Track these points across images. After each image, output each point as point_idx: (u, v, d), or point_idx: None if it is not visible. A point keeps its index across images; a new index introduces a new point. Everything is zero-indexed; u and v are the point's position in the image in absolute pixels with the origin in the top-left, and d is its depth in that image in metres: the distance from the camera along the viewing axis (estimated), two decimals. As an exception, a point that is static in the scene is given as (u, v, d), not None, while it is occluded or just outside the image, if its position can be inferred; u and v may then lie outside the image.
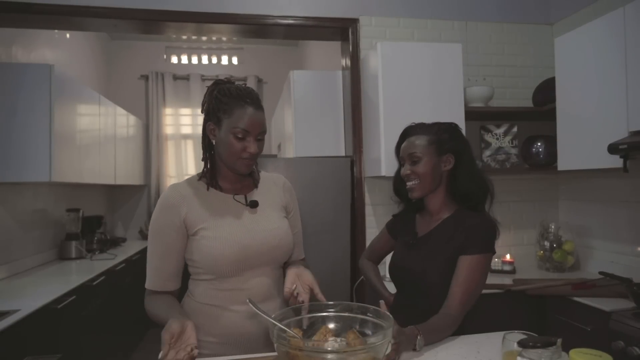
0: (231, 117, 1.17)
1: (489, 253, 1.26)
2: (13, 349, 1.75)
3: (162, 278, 1.22)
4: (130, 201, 4.90)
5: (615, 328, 1.70)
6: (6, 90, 2.46)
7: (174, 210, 1.21)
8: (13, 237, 2.75)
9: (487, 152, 2.65)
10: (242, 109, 1.17)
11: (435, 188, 1.37)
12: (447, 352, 1.09)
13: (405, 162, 1.39)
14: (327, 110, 2.79)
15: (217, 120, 1.20)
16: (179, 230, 1.20)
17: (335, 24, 2.61)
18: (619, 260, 2.33)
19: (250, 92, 1.22)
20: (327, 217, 2.50)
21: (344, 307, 1.06)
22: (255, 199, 1.28)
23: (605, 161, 1.93)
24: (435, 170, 1.35)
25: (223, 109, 1.18)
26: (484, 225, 1.29)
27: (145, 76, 5.01)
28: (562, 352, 0.83)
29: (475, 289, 1.23)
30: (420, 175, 1.34)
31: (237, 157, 1.20)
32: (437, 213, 1.39)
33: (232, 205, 1.25)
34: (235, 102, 1.18)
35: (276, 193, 1.35)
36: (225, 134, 1.18)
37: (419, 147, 1.35)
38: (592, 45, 2.06)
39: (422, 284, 1.30)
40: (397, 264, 1.44)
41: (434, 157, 1.35)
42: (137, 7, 2.40)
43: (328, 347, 0.87)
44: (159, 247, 1.21)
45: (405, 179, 1.39)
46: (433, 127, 1.39)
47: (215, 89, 1.23)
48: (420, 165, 1.35)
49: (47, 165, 2.52)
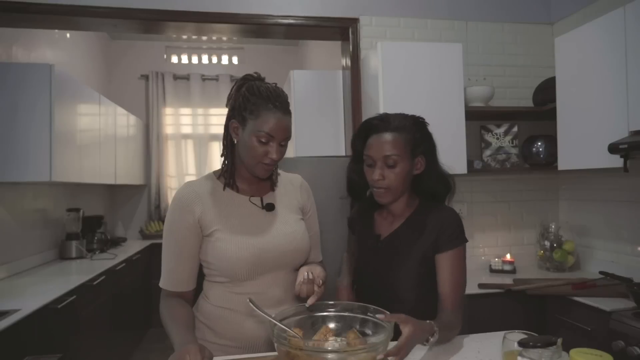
0: (257, 119, 1.12)
1: (464, 243, 1.24)
2: (13, 349, 1.75)
3: (177, 279, 1.19)
4: (131, 201, 4.90)
5: (615, 328, 1.70)
6: (6, 90, 2.46)
7: (188, 209, 1.17)
8: (13, 237, 2.75)
9: (488, 152, 2.65)
10: (270, 112, 1.12)
11: (403, 193, 1.28)
12: (447, 352, 1.09)
13: (376, 163, 1.23)
14: (327, 110, 2.78)
15: (241, 119, 1.15)
16: (193, 230, 1.17)
17: (335, 23, 2.61)
18: (619, 260, 2.32)
19: (279, 95, 1.17)
20: (327, 217, 2.49)
21: (344, 307, 1.06)
22: (272, 201, 1.25)
23: (605, 161, 1.93)
24: (408, 175, 1.24)
25: (250, 109, 1.13)
26: (451, 218, 1.24)
27: (146, 76, 5.00)
28: (562, 351, 0.83)
29: (462, 282, 1.22)
30: (392, 180, 1.21)
31: (257, 161, 1.15)
32: (400, 213, 1.31)
33: (248, 207, 1.22)
34: (264, 103, 1.13)
35: (293, 194, 1.31)
36: (248, 135, 1.13)
37: (397, 148, 1.20)
38: (592, 45, 2.06)
39: (392, 290, 1.24)
40: (362, 270, 1.34)
41: (409, 160, 1.23)
42: (137, 7, 2.40)
43: (328, 346, 0.87)
44: (173, 247, 1.18)
45: (372, 183, 1.25)
46: (406, 122, 1.24)
47: (244, 85, 1.18)
48: (396, 169, 1.21)
49: (47, 165, 2.52)
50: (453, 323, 1.15)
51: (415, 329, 0.95)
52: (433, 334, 1.02)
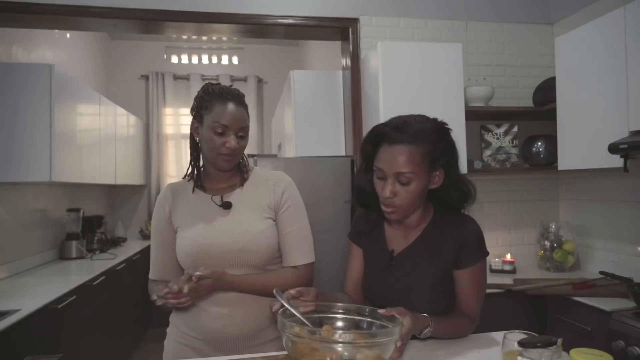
0: (211, 113, 1.21)
1: (486, 257, 1.17)
2: (13, 349, 1.75)
3: (160, 270, 1.31)
4: (131, 201, 4.90)
5: (615, 328, 1.70)
6: (6, 90, 2.46)
7: (162, 207, 1.30)
8: (13, 237, 2.75)
9: (488, 152, 2.65)
10: (223, 105, 1.20)
11: (416, 210, 1.16)
12: (447, 352, 1.08)
13: (387, 178, 1.08)
14: (327, 110, 2.78)
15: (199, 117, 1.24)
16: (168, 226, 1.29)
17: (335, 23, 2.61)
18: (620, 260, 2.32)
19: (232, 90, 1.25)
20: (327, 217, 2.49)
21: (350, 310, 1.05)
22: (235, 199, 1.27)
23: (605, 161, 1.93)
24: (423, 192, 1.10)
25: (205, 106, 1.22)
26: (473, 232, 1.15)
27: (146, 76, 5.01)
28: (562, 351, 0.82)
29: (482, 294, 1.19)
30: (404, 198, 1.08)
31: (216, 152, 1.21)
32: (414, 225, 1.19)
33: (208, 206, 1.27)
34: (217, 98, 1.21)
35: (263, 193, 1.29)
36: (206, 130, 1.21)
37: (412, 164, 1.05)
38: (592, 45, 2.06)
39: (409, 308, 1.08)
40: (373, 290, 1.22)
41: (425, 176, 1.08)
42: (137, 7, 2.40)
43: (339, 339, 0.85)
44: (155, 241, 1.31)
45: (381, 199, 1.11)
46: (424, 132, 1.07)
47: (201, 90, 1.27)
48: (410, 187, 1.07)
49: (47, 165, 2.52)
50: (465, 328, 1.15)
51: (412, 320, 0.97)
52: (427, 326, 1.04)
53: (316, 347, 0.84)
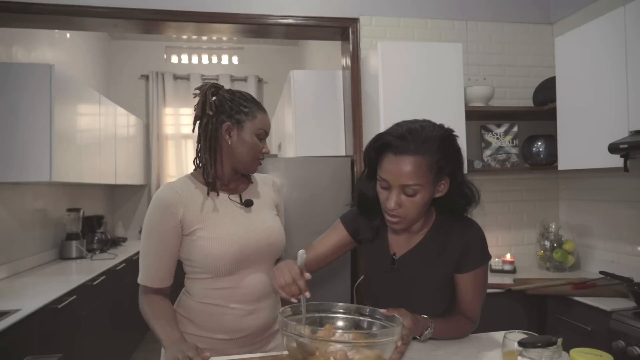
0: (255, 120, 1.26)
1: (488, 261, 1.17)
2: (13, 349, 1.75)
3: (157, 276, 1.26)
4: (131, 201, 4.90)
5: (615, 328, 1.70)
6: (6, 90, 2.46)
7: (170, 211, 1.22)
8: (13, 237, 2.75)
9: (488, 152, 2.65)
10: (263, 113, 1.29)
11: (419, 219, 1.14)
12: (447, 352, 1.08)
13: (392, 189, 1.04)
14: (327, 110, 2.78)
15: (236, 121, 1.24)
16: (174, 230, 1.23)
17: (335, 23, 2.61)
18: (620, 260, 2.32)
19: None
20: (327, 217, 2.49)
21: (350, 309, 1.05)
22: (249, 198, 1.32)
23: (605, 161, 1.92)
24: (428, 202, 1.07)
25: (244, 112, 1.25)
26: (476, 237, 1.14)
27: (146, 76, 5.01)
28: (562, 351, 0.83)
29: (483, 296, 1.19)
30: (409, 210, 1.05)
31: (256, 157, 1.28)
32: (417, 230, 1.17)
33: (228, 205, 1.28)
34: (256, 106, 1.28)
35: (267, 192, 1.40)
36: (249, 135, 1.25)
37: (418, 176, 1.01)
38: (592, 45, 2.06)
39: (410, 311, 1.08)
40: (375, 294, 1.23)
41: (431, 186, 1.05)
42: (137, 7, 2.40)
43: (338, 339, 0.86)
44: (154, 246, 1.24)
45: (385, 210, 1.08)
46: (431, 141, 1.02)
47: (221, 92, 1.27)
48: (415, 198, 1.03)
49: (47, 165, 2.52)
50: (464, 330, 1.16)
51: (413, 321, 0.99)
52: (427, 328, 1.06)
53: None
